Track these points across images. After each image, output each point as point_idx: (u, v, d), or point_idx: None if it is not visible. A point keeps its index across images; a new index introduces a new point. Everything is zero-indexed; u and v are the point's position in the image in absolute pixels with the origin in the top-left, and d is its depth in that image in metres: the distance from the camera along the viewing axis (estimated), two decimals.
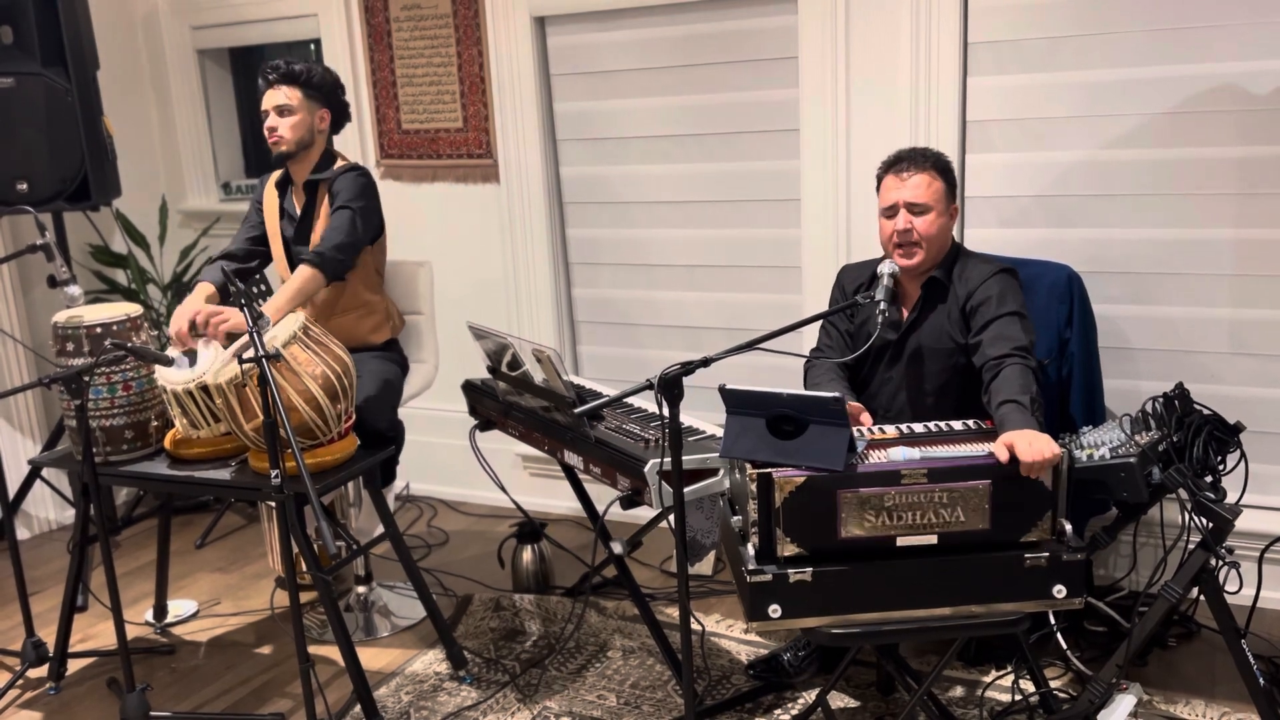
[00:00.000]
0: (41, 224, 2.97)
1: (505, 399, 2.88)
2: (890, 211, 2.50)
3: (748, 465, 2.10)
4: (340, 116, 3.10)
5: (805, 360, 2.68)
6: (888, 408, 2.60)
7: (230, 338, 2.72)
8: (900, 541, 2.08)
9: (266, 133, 2.99)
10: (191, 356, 2.70)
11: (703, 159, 3.57)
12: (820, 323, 2.66)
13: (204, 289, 2.98)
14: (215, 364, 2.62)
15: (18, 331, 4.00)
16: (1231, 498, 2.33)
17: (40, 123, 3.50)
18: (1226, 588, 2.34)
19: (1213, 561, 2.29)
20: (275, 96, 2.97)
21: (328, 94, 3.03)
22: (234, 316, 2.71)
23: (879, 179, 2.56)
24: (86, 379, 2.48)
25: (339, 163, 3.07)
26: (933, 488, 2.05)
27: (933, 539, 2.07)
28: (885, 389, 2.62)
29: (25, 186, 3.53)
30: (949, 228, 2.53)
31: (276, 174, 3.15)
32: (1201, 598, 2.36)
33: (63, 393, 2.49)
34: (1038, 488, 2.06)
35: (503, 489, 3.08)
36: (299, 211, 3.09)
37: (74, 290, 2.98)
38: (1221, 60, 2.83)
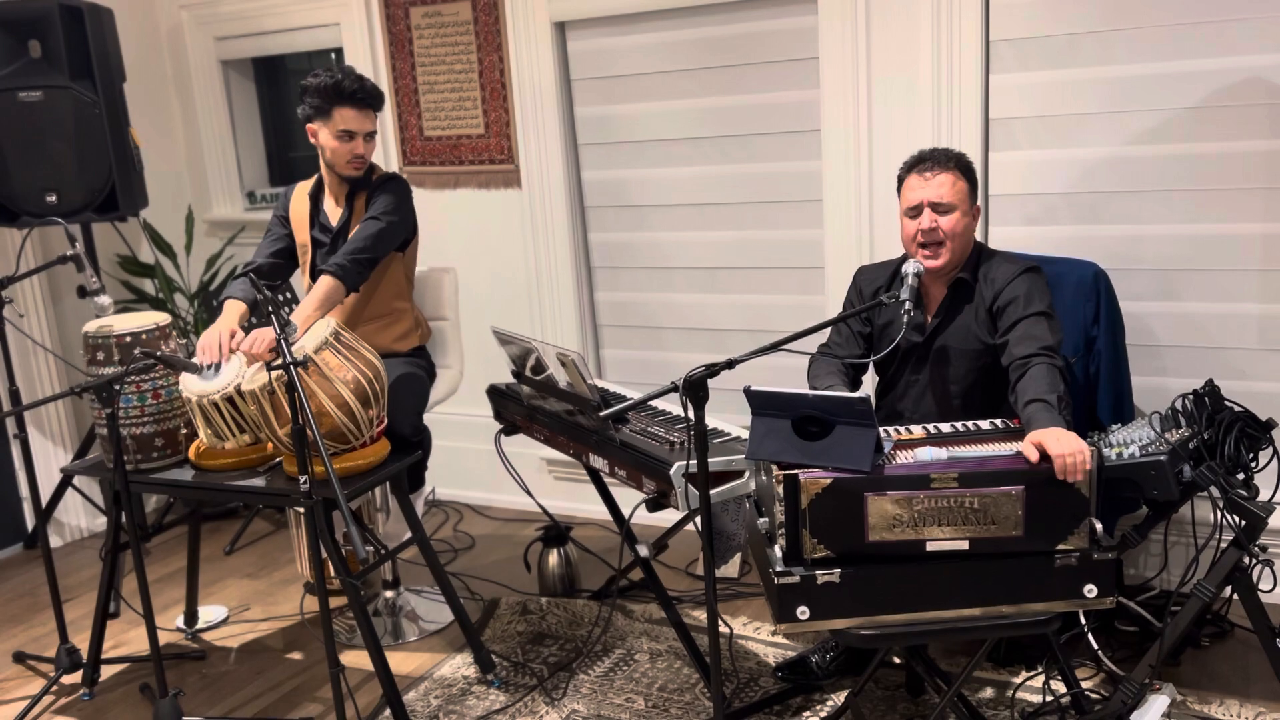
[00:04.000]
0: (71, 235, 3.00)
1: (530, 403, 2.89)
2: (914, 211, 2.49)
3: (774, 467, 2.09)
4: None
5: (811, 355, 2.67)
6: (914, 409, 2.59)
7: None
8: (930, 546, 2.06)
9: (349, 155, 2.97)
10: (214, 368, 2.72)
11: (724, 161, 3.57)
12: None
13: (234, 308, 2.96)
14: (248, 371, 2.65)
15: (48, 341, 4.05)
16: (1264, 495, 2.31)
17: (69, 135, 3.55)
18: (1260, 586, 2.32)
19: (1246, 560, 2.27)
20: (365, 122, 2.96)
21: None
22: (268, 334, 2.70)
23: (900, 180, 2.55)
24: (117, 387, 2.51)
25: (375, 172, 3.08)
26: (963, 492, 2.03)
27: (964, 545, 2.06)
28: (912, 391, 2.60)
29: (54, 198, 3.58)
30: (972, 228, 2.52)
31: (306, 184, 3.17)
32: (1235, 597, 2.33)
33: (94, 401, 2.52)
34: (1073, 495, 2.03)
35: (528, 493, 3.09)
36: (335, 221, 3.10)
37: (104, 300, 3.01)
38: (1247, 53, 2.80)
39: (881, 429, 2.21)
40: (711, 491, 2.23)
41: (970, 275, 2.52)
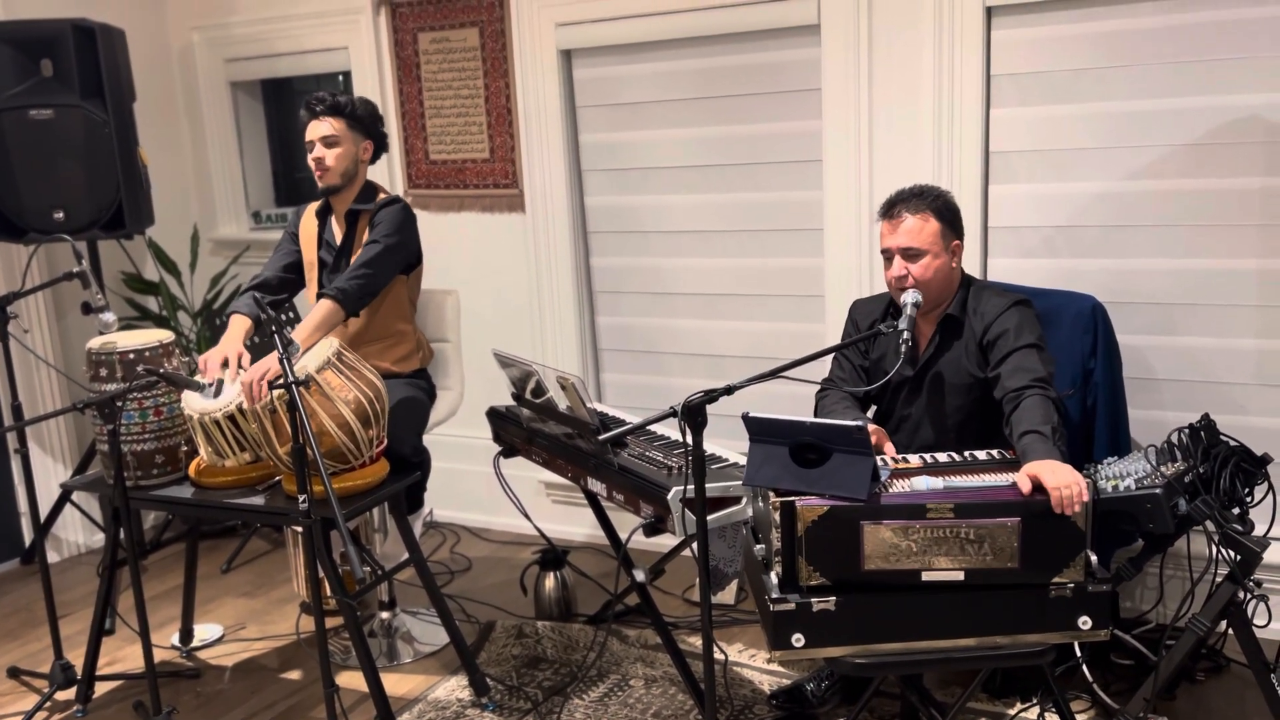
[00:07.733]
0: (79, 252, 3.02)
1: (529, 426, 2.90)
2: (886, 257, 2.50)
3: (771, 493, 2.10)
4: (380, 147, 3.15)
5: (817, 390, 2.68)
6: (910, 442, 2.60)
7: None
8: (926, 577, 2.07)
9: (313, 164, 3.04)
10: (216, 386, 2.73)
11: (726, 189, 3.60)
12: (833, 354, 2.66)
13: (240, 324, 2.97)
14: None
15: (51, 357, 4.06)
16: (1259, 530, 2.31)
17: (78, 153, 3.58)
18: (1255, 621, 2.32)
19: (1241, 594, 2.27)
20: (321, 127, 3.02)
21: (369, 125, 3.09)
22: (272, 365, 2.69)
23: (879, 221, 2.56)
24: (119, 404, 2.52)
25: (380, 195, 3.12)
26: (959, 523, 2.04)
27: (959, 575, 2.06)
28: (906, 424, 2.61)
29: (62, 215, 3.60)
30: (950, 265, 2.51)
31: (316, 203, 3.20)
32: (1230, 632, 2.33)
33: (95, 417, 2.54)
34: (1069, 527, 2.04)
35: (526, 516, 3.10)
36: (339, 241, 3.14)
37: (108, 317, 3.03)
38: (1245, 92, 2.83)
39: (878, 458, 2.22)
40: (709, 517, 2.23)
41: (959, 311, 2.53)
